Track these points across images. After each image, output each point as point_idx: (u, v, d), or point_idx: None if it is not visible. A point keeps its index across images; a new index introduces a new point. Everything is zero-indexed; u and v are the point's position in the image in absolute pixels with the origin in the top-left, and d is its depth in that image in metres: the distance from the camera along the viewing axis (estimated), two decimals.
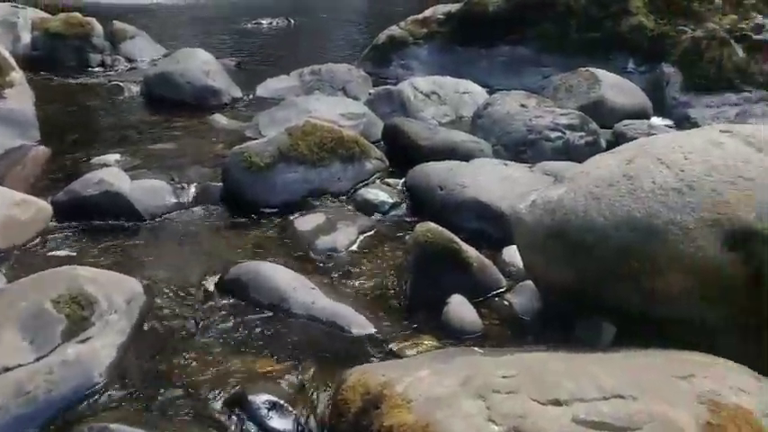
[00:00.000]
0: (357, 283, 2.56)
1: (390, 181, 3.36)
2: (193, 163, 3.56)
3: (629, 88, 4.46)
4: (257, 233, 2.97)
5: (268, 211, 3.14)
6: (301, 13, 9.21)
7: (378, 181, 3.37)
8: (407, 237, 2.58)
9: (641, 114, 4.35)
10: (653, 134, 3.80)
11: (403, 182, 3.34)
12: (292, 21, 8.75)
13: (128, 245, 2.82)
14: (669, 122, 4.46)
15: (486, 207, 2.85)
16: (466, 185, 2.96)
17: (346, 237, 2.86)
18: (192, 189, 3.26)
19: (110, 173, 3.12)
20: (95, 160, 3.51)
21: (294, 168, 3.15)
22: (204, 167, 3.51)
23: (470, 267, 2.34)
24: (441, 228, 2.40)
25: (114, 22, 6.22)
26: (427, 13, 5.59)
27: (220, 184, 3.28)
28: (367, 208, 3.17)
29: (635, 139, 3.82)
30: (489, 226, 2.81)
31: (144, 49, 6.13)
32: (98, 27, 5.88)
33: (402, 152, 3.56)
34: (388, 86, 4.28)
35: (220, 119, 4.31)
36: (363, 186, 3.31)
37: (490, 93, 4.65)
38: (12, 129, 3.75)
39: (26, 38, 5.97)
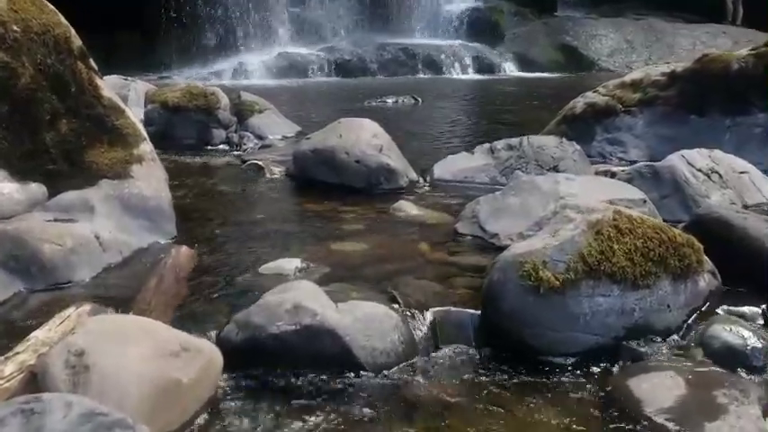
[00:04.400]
0: None
1: (744, 310, 2.06)
2: (406, 273, 2.35)
3: None
4: (564, 404, 1.71)
5: (563, 361, 1.89)
6: (419, 93, 8.24)
7: (719, 310, 2.08)
8: None
9: None
10: None
11: (764, 312, 2.04)
12: (419, 99, 7.78)
13: (357, 428, 1.59)
14: None
15: None
16: None
17: (753, 426, 1.56)
18: (427, 319, 2.04)
19: (305, 293, 1.93)
20: (265, 269, 2.34)
21: (606, 289, 1.90)
22: (425, 280, 2.31)
23: None
24: None
25: (242, 92, 5.27)
26: (636, 75, 4.40)
27: (470, 311, 2.06)
28: (727, 359, 1.87)
29: None
30: None
31: (275, 125, 5.12)
32: (224, 99, 4.91)
33: (731, 259, 2.27)
34: (650, 163, 3.05)
35: (408, 207, 3.13)
36: (700, 319, 2.03)
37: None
38: (140, 220, 2.65)
39: (138, 113, 5.06)
